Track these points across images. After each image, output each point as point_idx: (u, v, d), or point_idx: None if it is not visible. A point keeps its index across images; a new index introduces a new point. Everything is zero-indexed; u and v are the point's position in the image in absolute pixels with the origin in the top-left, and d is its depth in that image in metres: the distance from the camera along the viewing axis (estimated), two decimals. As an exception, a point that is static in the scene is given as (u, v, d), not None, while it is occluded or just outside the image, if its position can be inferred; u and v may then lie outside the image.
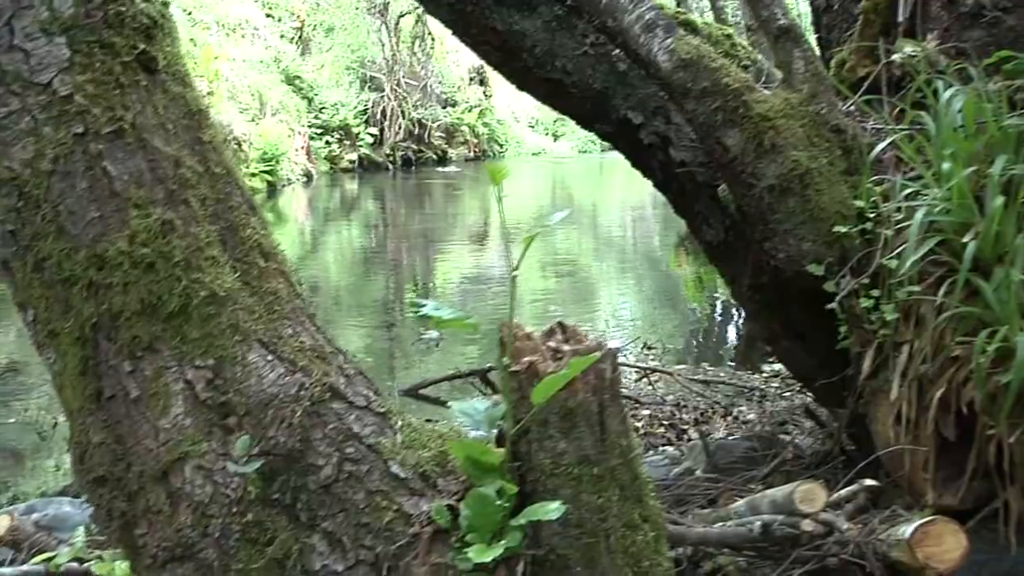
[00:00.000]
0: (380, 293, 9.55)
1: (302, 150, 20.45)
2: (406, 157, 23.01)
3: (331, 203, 18.74)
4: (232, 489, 1.34)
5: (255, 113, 19.60)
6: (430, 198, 19.78)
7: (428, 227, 15.45)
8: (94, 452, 1.38)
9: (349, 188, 20.28)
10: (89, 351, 1.39)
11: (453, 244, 13.63)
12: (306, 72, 22.50)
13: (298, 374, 1.43)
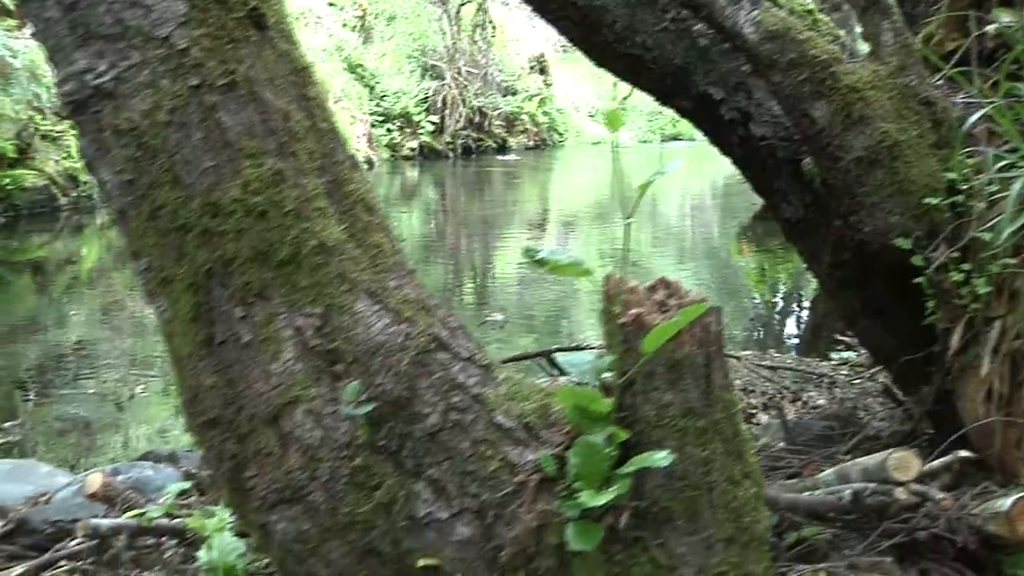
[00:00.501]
0: (440, 279, 9.59)
1: (363, 137, 20.62)
2: (466, 145, 23.08)
3: (391, 190, 18.87)
4: (341, 433, 1.37)
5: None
6: (490, 186, 19.82)
7: (487, 214, 15.50)
8: (206, 395, 1.41)
9: (409, 175, 20.40)
10: (201, 297, 1.42)
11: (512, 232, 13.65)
12: (368, 60, 22.67)
13: (404, 324, 1.45)
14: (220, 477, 1.43)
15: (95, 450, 4.65)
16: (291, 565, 1.40)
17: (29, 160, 13.92)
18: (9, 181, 13.22)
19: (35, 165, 13.95)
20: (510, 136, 24.43)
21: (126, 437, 4.89)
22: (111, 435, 4.97)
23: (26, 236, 12.71)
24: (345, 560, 1.36)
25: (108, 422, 5.19)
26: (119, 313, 8.36)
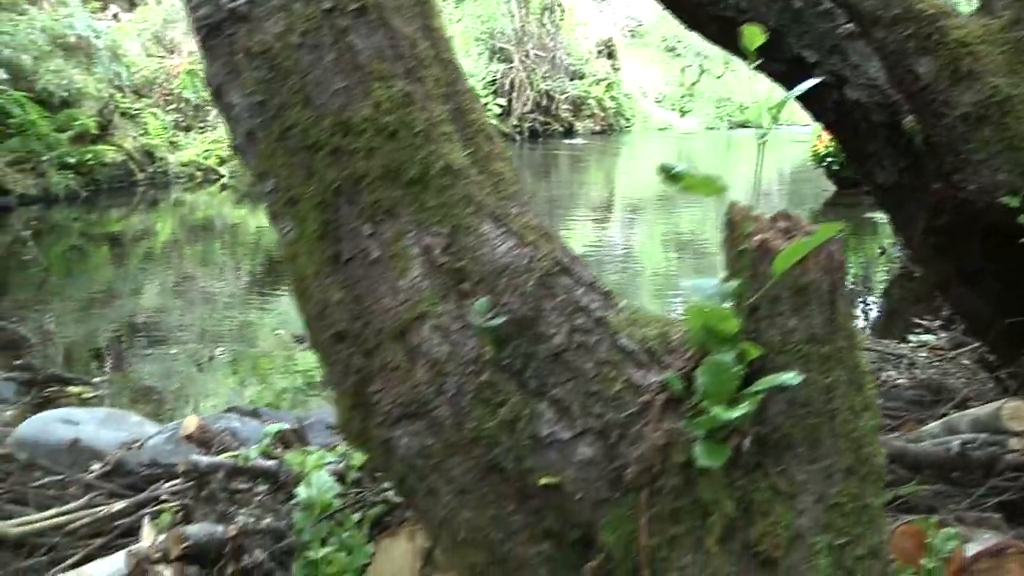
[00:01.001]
0: None
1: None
2: (533, 129, 23.08)
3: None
4: (468, 350, 1.38)
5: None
6: (556, 169, 19.80)
7: (554, 196, 15.48)
8: (333, 310, 1.44)
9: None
10: (329, 215, 1.45)
11: (578, 214, 13.62)
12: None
13: (527, 248, 1.46)
14: (344, 392, 1.45)
15: (179, 406, 4.77)
16: (412, 482, 1.42)
17: (109, 137, 14.28)
18: (91, 157, 13.57)
19: (114, 141, 14.30)
20: (577, 120, 24.36)
21: (208, 394, 5.01)
22: (193, 392, 5.10)
23: (105, 210, 13.04)
24: (467, 477, 1.38)
25: (190, 381, 5.32)
26: (190, 286, 8.55)
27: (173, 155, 15.29)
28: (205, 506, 2.48)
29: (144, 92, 15.90)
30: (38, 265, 7.80)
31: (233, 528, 2.25)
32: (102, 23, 15.97)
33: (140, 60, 16.33)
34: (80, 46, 14.98)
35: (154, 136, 15.17)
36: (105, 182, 13.82)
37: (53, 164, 13.04)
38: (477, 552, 1.41)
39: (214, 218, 13.15)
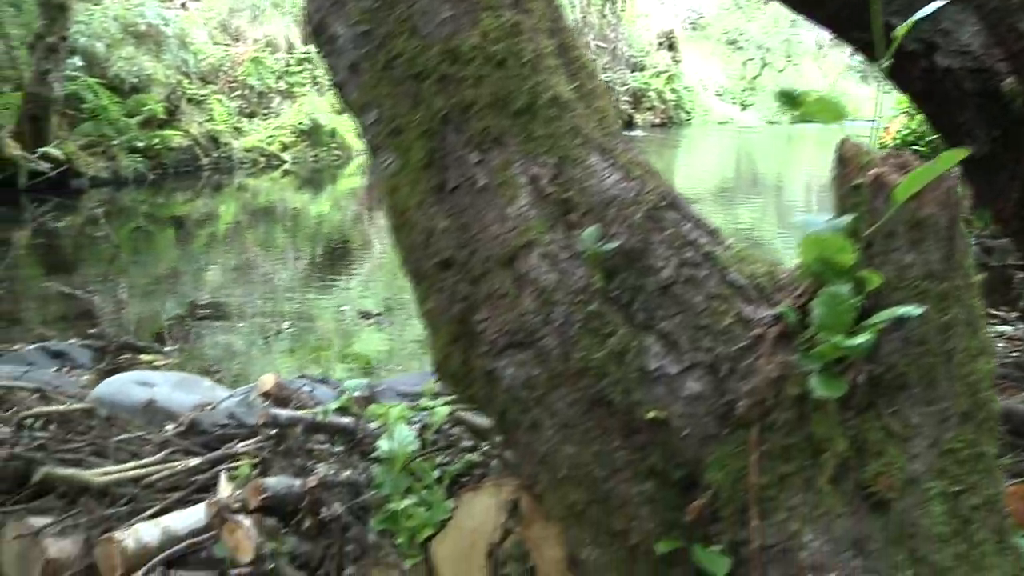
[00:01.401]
0: None
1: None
2: (591, 120, 22.94)
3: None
4: (577, 278, 1.36)
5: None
6: (615, 161, 19.63)
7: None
8: (439, 238, 1.43)
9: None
10: (436, 143, 1.44)
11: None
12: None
13: (634, 181, 1.44)
14: (450, 320, 1.44)
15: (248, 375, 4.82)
16: (515, 414, 1.40)
17: (176, 122, 14.52)
18: (158, 141, 13.82)
19: (181, 127, 14.54)
20: (636, 113, 24.21)
21: (276, 365, 5.06)
22: (262, 363, 5.15)
23: (171, 193, 13.27)
24: (572, 409, 1.36)
25: (257, 352, 5.38)
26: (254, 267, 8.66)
27: (237, 141, 15.50)
28: (282, 460, 2.49)
29: (210, 79, 16.14)
30: (109, 242, 7.95)
31: (313, 479, 2.25)
32: (171, 12, 16.24)
33: (206, 48, 16.58)
34: (150, 34, 15.25)
35: (219, 122, 15.39)
36: (171, 166, 14.06)
37: (123, 148, 13.31)
38: (578, 490, 1.38)
39: (276, 203, 13.30)
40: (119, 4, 15.28)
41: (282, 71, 17.33)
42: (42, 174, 11.83)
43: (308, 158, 16.30)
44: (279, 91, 17.04)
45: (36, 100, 12.06)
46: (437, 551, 2.08)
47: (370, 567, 2.14)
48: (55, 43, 12.04)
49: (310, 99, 17.06)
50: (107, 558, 2.40)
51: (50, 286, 6.85)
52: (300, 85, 17.37)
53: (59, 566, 2.66)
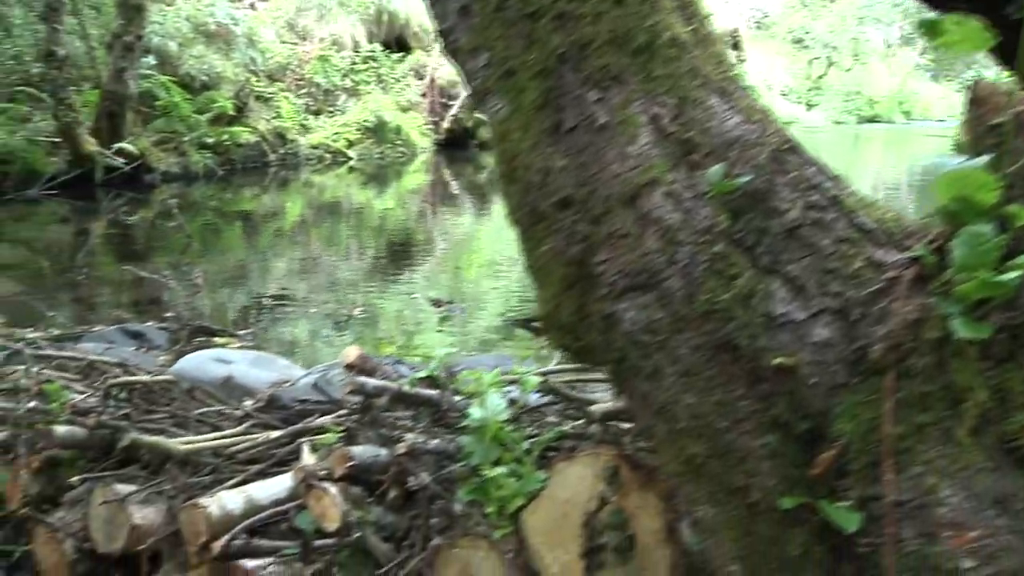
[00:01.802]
0: None
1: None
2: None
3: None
4: (702, 218, 1.31)
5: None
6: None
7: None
8: (556, 177, 1.38)
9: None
10: (552, 82, 1.39)
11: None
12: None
13: (755, 124, 1.38)
14: (567, 262, 1.38)
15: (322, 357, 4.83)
16: (634, 360, 1.35)
17: (244, 119, 14.74)
18: (227, 137, 14.05)
19: (249, 123, 14.75)
20: (700, 112, 23.93)
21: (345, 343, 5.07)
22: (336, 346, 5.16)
23: (239, 188, 13.46)
24: (694, 356, 1.30)
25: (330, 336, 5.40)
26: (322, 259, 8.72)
27: (303, 137, 15.69)
28: (368, 430, 2.47)
29: (277, 77, 16.37)
30: (182, 232, 8.07)
31: (402, 446, 2.22)
32: (240, 11, 16.52)
33: (274, 46, 16.82)
34: (220, 33, 15.52)
35: (286, 119, 15.60)
36: (240, 162, 14.29)
37: (193, 144, 13.56)
38: (697, 443, 1.32)
39: (342, 199, 13.40)
40: (191, 4, 15.58)
41: (348, 69, 17.51)
42: (117, 169, 12.09)
43: (373, 155, 16.44)
44: (345, 89, 17.21)
45: (112, 97, 12.33)
46: (528, 522, 2.04)
47: (458, 538, 2.10)
48: (131, 42, 12.30)
49: (375, 96, 17.20)
50: (192, 524, 2.40)
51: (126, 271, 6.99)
52: (365, 83, 17.52)
53: (143, 533, 2.68)
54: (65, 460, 3.02)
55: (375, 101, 17.03)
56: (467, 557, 2.08)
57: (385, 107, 16.97)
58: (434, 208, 12.64)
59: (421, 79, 18.68)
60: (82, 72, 12.88)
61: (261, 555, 2.35)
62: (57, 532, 2.87)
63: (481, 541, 2.06)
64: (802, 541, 1.29)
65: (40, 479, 3.00)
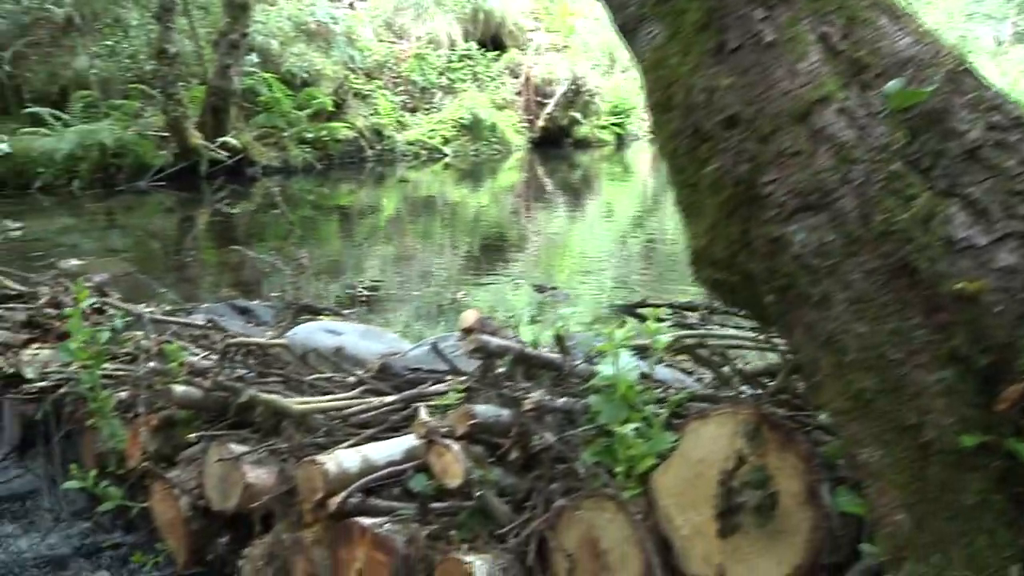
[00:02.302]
0: None
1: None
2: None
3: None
4: (877, 136, 1.23)
5: (606, 69, 19.92)
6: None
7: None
8: (723, 95, 1.32)
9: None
10: (714, 3, 1.34)
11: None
12: (655, 32, 22.51)
13: (928, 45, 1.30)
14: (734, 182, 1.32)
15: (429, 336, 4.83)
16: (802, 287, 1.27)
17: (342, 115, 14.96)
18: (326, 133, 14.28)
19: (347, 119, 14.96)
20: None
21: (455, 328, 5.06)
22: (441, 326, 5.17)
23: (336, 183, 13.66)
24: (868, 280, 1.22)
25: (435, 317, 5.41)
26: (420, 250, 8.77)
27: (400, 134, 15.85)
28: (489, 391, 2.42)
29: (375, 74, 16.57)
30: (285, 219, 8.22)
31: (529, 402, 2.17)
32: (340, 11, 16.79)
33: (372, 45, 17.03)
34: (320, 32, 15.80)
35: (383, 116, 15.78)
36: (338, 157, 14.51)
37: (293, 139, 13.82)
38: (866, 376, 1.24)
39: (437, 195, 13.49)
40: (293, 4, 15.89)
41: (444, 67, 17.63)
42: (220, 162, 12.39)
43: (468, 152, 16.52)
44: (441, 86, 17.34)
45: (218, 93, 12.64)
46: (658, 482, 1.97)
47: (582, 499, 2.04)
48: (236, 39, 12.59)
49: (471, 94, 17.29)
50: (309, 480, 2.40)
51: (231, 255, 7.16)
52: (461, 81, 17.63)
53: (256, 492, 2.70)
54: (182, 420, 3.07)
55: (471, 99, 17.12)
56: (592, 519, 2.02)
57: (481, 105, 17.03)
58: (528, 205, 12.63)
59: (516, 77, 18.70)
60: (190, 69, 13.24)
61: (376, 514, 2.33)
62: (174, 488, 2.91)
63: (608, 502, 2.00)
64: (980, 487, 1.20)
65: (158, 437, 3.06)
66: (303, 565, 2.47)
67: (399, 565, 2.17)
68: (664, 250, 8.75)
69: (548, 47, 19.29)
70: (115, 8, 13.82)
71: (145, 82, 12.84)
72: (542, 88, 18.65)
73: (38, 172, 11.43)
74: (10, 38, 12.92)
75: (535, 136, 18.28)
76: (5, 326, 4.73)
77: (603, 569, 1.99)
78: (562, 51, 19.27)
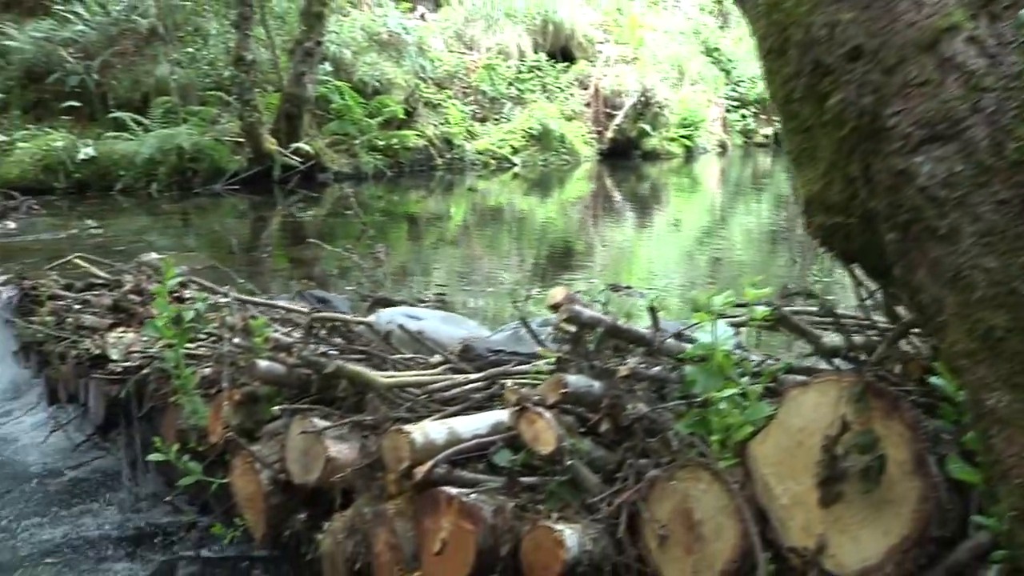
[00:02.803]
0: (783, 272, 9.00)
1: (718, 121, 20.39)
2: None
3: (743, 175, 18.43)
4: (1009, 64, 1.18)
5: (675, 81, 19.83)
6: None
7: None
8: (845, 27, 1.28)
9: (762, 162, 19.83)
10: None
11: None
12: (725, 44, 22.38)
13: (1061, -26, 1.24)
14: (857, 114, 1.28)
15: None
16: (928, 219, 1.22)
17: (413, 123, 15.10)
18: (396, 141, 14.42)
19: (417, 128, 15.09)
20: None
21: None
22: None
23: (405, 191, 13.76)
24: (999, 212, 1.17)
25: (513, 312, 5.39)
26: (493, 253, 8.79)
27: (469, 143, 15.93)
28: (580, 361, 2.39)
29: (445, 84, 16.70)
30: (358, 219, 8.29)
31: (624, 369, 2.14)
32: (411, 22, 16.98)
33: (442, 55, 17.19)
34: (391, 42, 16.00)
35: (453, 125, 15.88)
36: (407, 165, 14.65)
37: (364, 146, 13.99)
38: (996, 313, 1.19)
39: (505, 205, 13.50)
40: (365, 15, 16.12)
41: (513, 78, 17.71)
42: (293, 167, 12.58)
43: (537, 161, 16.54)
44: (510, 97, 17.41)
45: (292, 100, 12.85)
46: (756, 452, 1.92)
47: (676, 469, 2.00)
48: (311, 47, 12.79)
49: (540, 105, 17.32)
50: (395, 449, 2.39)
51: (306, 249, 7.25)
52: (530, 92, 17.68)
53: (337, 465, 2.70)
54: (264, 396, 3.10)
55: (540, 109, 17.15)
56: (686, 489, 1.98)
57: (550, 115, 17.06)
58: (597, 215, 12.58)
59: (585, 89, 18.70)
60: (266, 76, 13.50)
61: (462, 486, 2.31)
62: (255, 462, 2.93)
63: (703, 472, 1.96)
64: (1117, 432, 1.14)
65: (240, 412, 3.08)
66: (385, 537, 2.45)
67: (486, 534, 2.14)
68: (731, 260, 8.65)
69: (617, 59, 19.26)
70: (196, 19, 14.17)
71: (223, 89, 13.12)
72: (611, 100, 18.62)
73: (119, 175, 11.75)
74: (98, 48, 13.33)
75: (604, 147, 18.25)
76: (92, 311, 4.86)
77: (697, 540, 1.95)
78: (631, 63, 19.22)
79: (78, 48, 13.27)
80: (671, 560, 1.99)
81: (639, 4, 21.24)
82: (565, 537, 2.00)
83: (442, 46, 17.53)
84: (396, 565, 2.43)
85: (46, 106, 12.81)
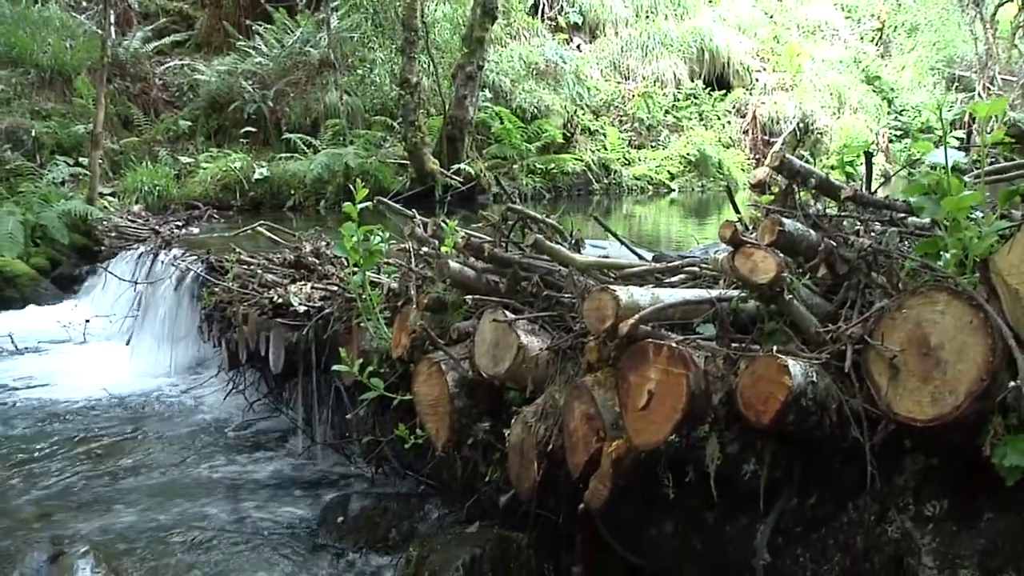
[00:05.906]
0: None
1: (881, 151, 19.72)
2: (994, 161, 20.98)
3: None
4: None
5: (834, 109, 19.31)
6: None
7: None
8: None
9: (932, 190, 18.97)
10: None
11: None
12: (886, 73, 21.68)
13: None
14: None
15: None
16: None
17: (571, 149, 15.22)
18: (554, 165, 14.54)
19: (575, 153, 15.19)
20: (1051, 153, 21.72)
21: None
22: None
23: (564, 214, 13.78)
24: None
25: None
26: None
27: (626, 169, 15.91)
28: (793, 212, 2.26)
29: (601, 112, 16.79)
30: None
31: (847, 190, 2.02)
32: (568, 52, 17.20)
33: (599, 84, 17.31)
34: (549, 71, 16.24)
35: (611, 151, 15.92)
36: (565, 188, 14.73)
37: (523, 169, 14.16)
38: None
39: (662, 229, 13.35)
40: (523, 46, 16.44)
41: (669, 106, 17.65)
42: (454, 188, 12.84)
43: (695, 187, 16.35)
44: (666, 124, 17.34)
45: (454, 122, 13.17)
46: (999, 264, 1.76)
47: (907, 297, 1.84)
48: (473, 71, 13.10)
49: (697, 132, 17.17)
50: (598, 309, 2.30)
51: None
52: (687, 119, 17.56)
53: (528, 355, 2.65)
54: (451, 303, 3.08)
55: (697, 136, 17.00)
56: (919, 316, 1.82)
57: (707, 142, 16.87)
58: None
59: (742, 116, 18.43)
60: (430, 100, 13.91)
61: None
62: (441, 364, 2.90)
63: (939, 294, 1.80)
64: None
65: (427, 317, 3.08)
66: (582, 409, 2.36)
67: (698, 378, 2.02)
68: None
69: (775, 87, 18.93)
70: (363, 49, 14.79)
71: (387, 113, 13.59)
72: (769, 127, 18.28)
73: (290, 193, 12.28)
74: (274, 78, 14.10)
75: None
76: (276, 268, 5.04)
77: (935, 367, 1.78)
78: (789, 91, 18.85)
79: (256, 79, 14.08)
80: (905, 393, 1.82)
81: (797, 33, 20.89)
82: (789, 364, 1.88)
83: (599, 75, 17.67)
84: (594, 436, 2.34)
85: (226, 132, 13.62)
